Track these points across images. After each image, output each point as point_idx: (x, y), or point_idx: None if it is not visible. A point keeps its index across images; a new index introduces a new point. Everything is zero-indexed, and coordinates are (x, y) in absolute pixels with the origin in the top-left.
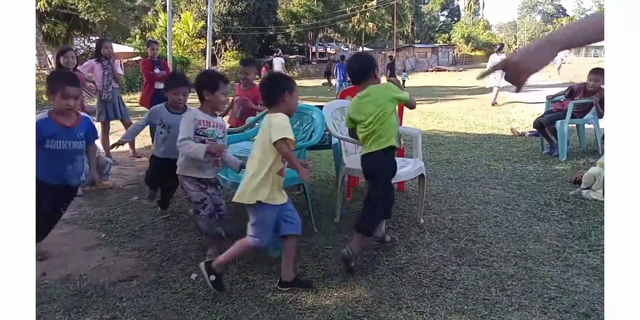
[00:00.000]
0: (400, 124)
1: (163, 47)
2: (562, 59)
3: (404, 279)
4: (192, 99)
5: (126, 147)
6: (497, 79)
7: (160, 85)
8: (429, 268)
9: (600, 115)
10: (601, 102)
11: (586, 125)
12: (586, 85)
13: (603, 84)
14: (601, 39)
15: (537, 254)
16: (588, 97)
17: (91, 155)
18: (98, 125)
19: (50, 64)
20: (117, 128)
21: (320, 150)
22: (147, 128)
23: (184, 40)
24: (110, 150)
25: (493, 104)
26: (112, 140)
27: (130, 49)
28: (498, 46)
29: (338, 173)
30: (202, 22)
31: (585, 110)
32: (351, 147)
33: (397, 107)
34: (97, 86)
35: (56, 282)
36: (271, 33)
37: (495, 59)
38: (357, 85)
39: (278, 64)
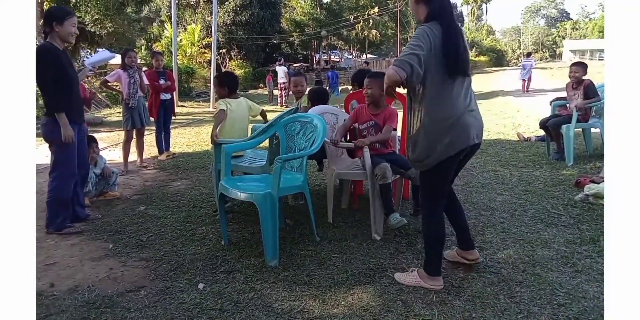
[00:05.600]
0: (405, 130)
1: (168, 58)
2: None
3: (412, 287)
4: (198, 109)
5: (133, 157)
6: (522, 74)
7: (165, 96)
8: None
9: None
10: (585, 93)
11: (592, 129)
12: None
13: (583, 74)
14: None
15: (546, 260)
16: (576, 89)
17: None
18: (121, 133)
19: None
20: (120, 139)
21: (322, 158)
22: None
23: (191, 52)
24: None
25: (525, 91)
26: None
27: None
28: (528, 52)
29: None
30: (208, 39)
31: (588, 112)
32: (334, 150)
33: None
34: (124, 94)
35: (64, 293)
36: (275, 42)
37: (525, 62)
38: None
39: (281, 72)
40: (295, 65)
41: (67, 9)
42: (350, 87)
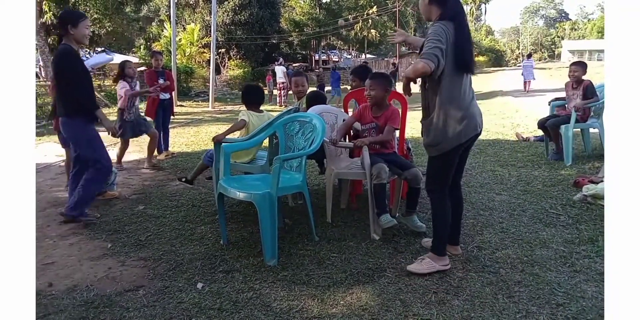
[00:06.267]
0: (403, 131)
1: (167, 57)
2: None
3: (411, 286)
4: (197, 108)
5: (133, 156)
6: (525, 75)
7: (164, 96)
8: (435, 275)
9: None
10: (584, 94)
11: (591, 129)
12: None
13: (583, 74)
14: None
15: (544, 260)
16: (575, 89)
17: None
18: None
19: None
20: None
21: (322, 157)
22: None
23: (190, 51)
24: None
25: (527, 91)
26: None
27: (135, 60)
28: (528, 53)
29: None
30: (207, 39)
31: (587, 113)
32: (333, 150)
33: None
34: (121, 104)
35: (63, 293)
36: (274, 41)
37: (525, 63)
38: None
39: (280, 72)
40: (294, 65)
41: (80, 12)
42: (349, 87)
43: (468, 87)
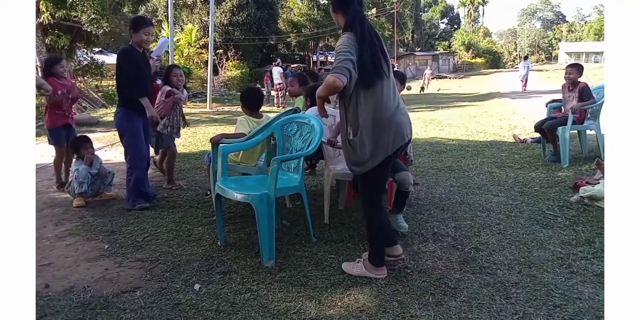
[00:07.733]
0: None
1: (165, 58)
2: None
3: (408, 288)
4: (195, 109)
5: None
6: (520, 74)
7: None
8: (432, 276)
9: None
10: (579, 95)
11: (587, 131)
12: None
13: (579, 76)
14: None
15: (541, 261)
16: (571, 91)
17: None
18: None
19: None
20: (116, 139)
21: (321, 159)
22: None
23: (188, 52)
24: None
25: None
26: None
27: None
28: (525, 55)
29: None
30: (205, 39)
31: (583, 114)
32: (331, 150)
33: None
34: (158, 117)
35: (59, 294)
36: (272, 42)
37: (522, 64)
38: None
39: (276, 73)
40: (292, 66)
41: (144, 19)
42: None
43: (392, 95)
